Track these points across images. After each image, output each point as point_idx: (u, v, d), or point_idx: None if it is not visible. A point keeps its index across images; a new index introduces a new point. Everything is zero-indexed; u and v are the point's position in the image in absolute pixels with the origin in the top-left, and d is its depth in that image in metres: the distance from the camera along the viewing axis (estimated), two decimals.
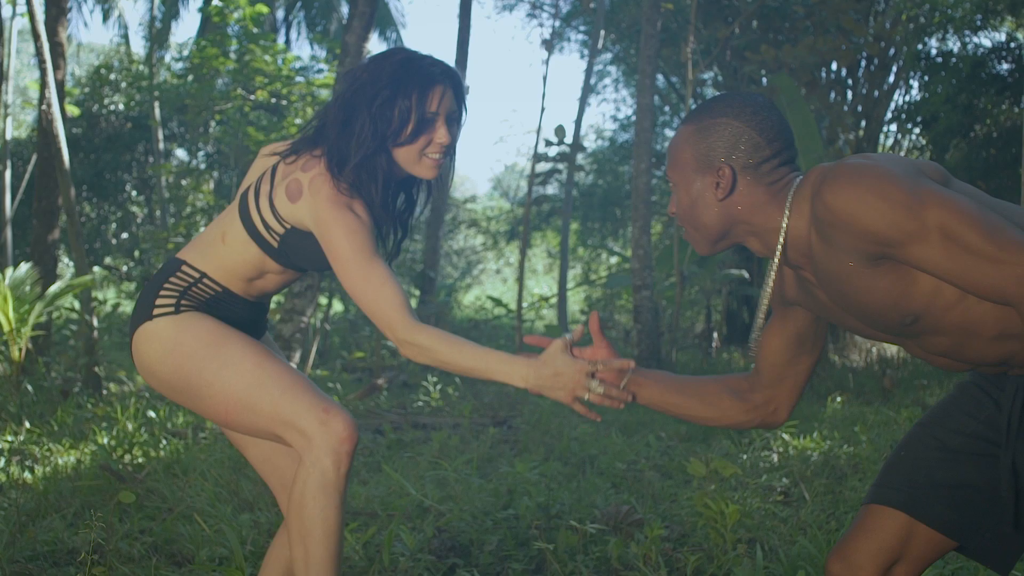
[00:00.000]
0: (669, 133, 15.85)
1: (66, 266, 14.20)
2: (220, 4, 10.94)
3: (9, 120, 16.04)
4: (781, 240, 1.84)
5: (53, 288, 6.60)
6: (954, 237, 1.60)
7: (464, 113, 2.20)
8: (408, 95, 2.05)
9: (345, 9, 17.53)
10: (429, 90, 2.07)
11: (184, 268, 2.16)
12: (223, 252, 2.17)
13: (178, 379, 2.11)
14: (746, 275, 10.52)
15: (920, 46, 11.39)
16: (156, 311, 2.13)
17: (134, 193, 15.46)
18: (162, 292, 2.14)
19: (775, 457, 4.88)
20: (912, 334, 1.82)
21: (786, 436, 5.33)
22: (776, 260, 1.87)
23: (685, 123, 1.94)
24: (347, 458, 1.99)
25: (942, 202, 1.63)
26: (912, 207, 1.63)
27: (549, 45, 9.69)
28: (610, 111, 31.83)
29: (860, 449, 5.01)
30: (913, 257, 1.65)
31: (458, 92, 2.14)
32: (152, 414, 5.66)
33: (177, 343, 2.10)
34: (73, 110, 11.90)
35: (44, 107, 6.98)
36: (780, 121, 1.88)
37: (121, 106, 14.78)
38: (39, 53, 6.99)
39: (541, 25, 16.00)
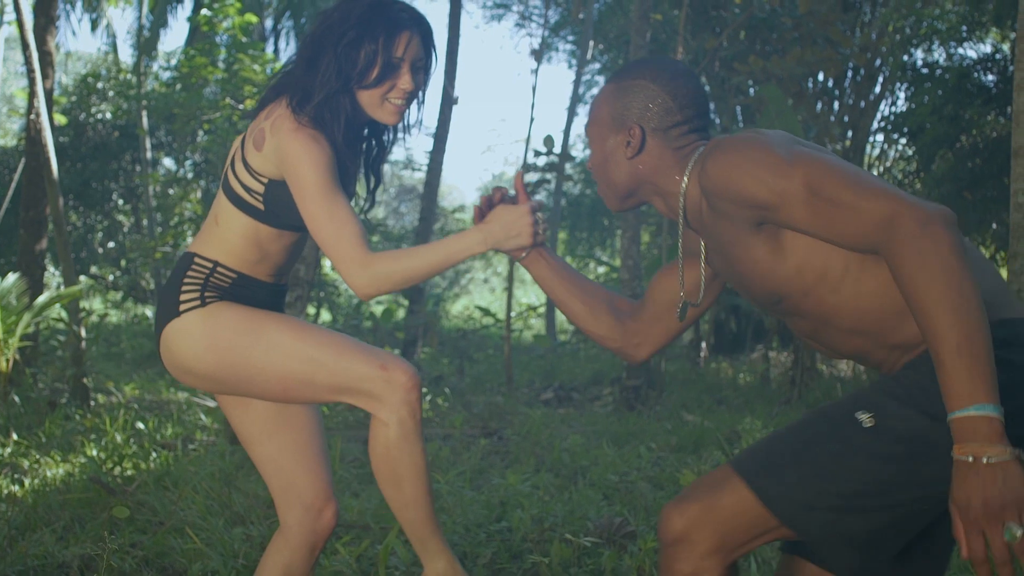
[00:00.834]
0: None
1: (52, 275, 14.13)
2: (209, 14, 10.92)
3: None
4: (681, 204, 1.91)
5: (41, 299, 6.58)
6: (819, 191, 1.65)
7: (434, 63, 2.20)
8: (375, 38, 2.06)
9: None
10: (396, 35, 2.07)
11: (196, 260, 2.15)
12: (220, 234, 2.16)
13: (222, 371, 2.10)
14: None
15: (906, 57, 11.45)
16: (182, 307, 2.11)
17: (121, 202, 15.40)
18: (184, 287, 2.12)
19: None
20: (781, 313, 1.88)
21: None
22: (680, 223, 1.95)
23: (608, 82, 2.02)
24: (418, 403, 2.06)
25: (810, 161, 1.68)
26: (782, 168, 1.68)
27: (538, 55, 9.70)
28: None
29: None
30: (787, 218, 1.70)
31: (427, 40, 2.15)
32: (141, 425, 5.64)
33: (213, 337, 2.09)
34: (60, 119, 11.87)
35: (32, 116, 6.96)
36: (695, 89, 1.95)
37: (108, 115, 14.73)
38: (28, 62, 6.96)
39: (530, 35, 16.05)
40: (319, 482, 2.24)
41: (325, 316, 13.44)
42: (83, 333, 6.57)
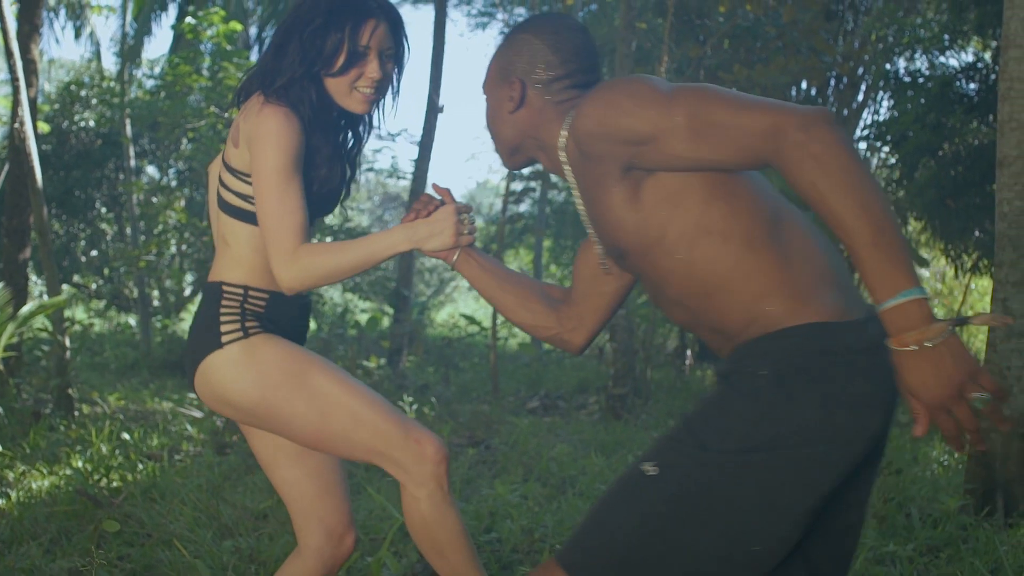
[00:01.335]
0: None
1: (34, 284, 14.05)
2: (193, 22, 10.90)
3: None
4: (564, 158, 1.88)
5: (25, 309, 6.53)
6: (700, 115, 1.62)
7: (406, 52, 2.19)
8: (341, 26, 2.05)
9: None
10: (362, 23, 2.07)
11: (226, 288, 2.12)
12: (234, 255, 2.13)
13: (263, 408, 2.08)
14: None
15: (888, 66, 11.52)
16: (225, 338, 2.08)
17: (104, 210, 15.33)
18: (223, 318, 2.09)
19: None
20: (628, 271, 1.88)
21: None
22: (569, 179, 1.91)
23: (502, 38, 2.02)
24: (446, 475, 2.10)
25: (690, 91, 1.67)
26: (661, 101, 1.66)
27: None
28: None
29: None
30: (667, 150, 1.66)
31: (396, 29, 2.14)
32: (127, 436, 5.60)
33: (259, 372, 2.07)
34: (43, 127, 11.80)
35: (17, 125, 6.91)
36: (580, 44, 1.92)
37: (92, 123, 14.67)
38: (12, 71, 6.92)
39: None
40: (341, 509, 2.23)
41: (310, 325, 13.38)
42: (67, 343, 6.54)
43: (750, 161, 1.62)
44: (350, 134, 2.27)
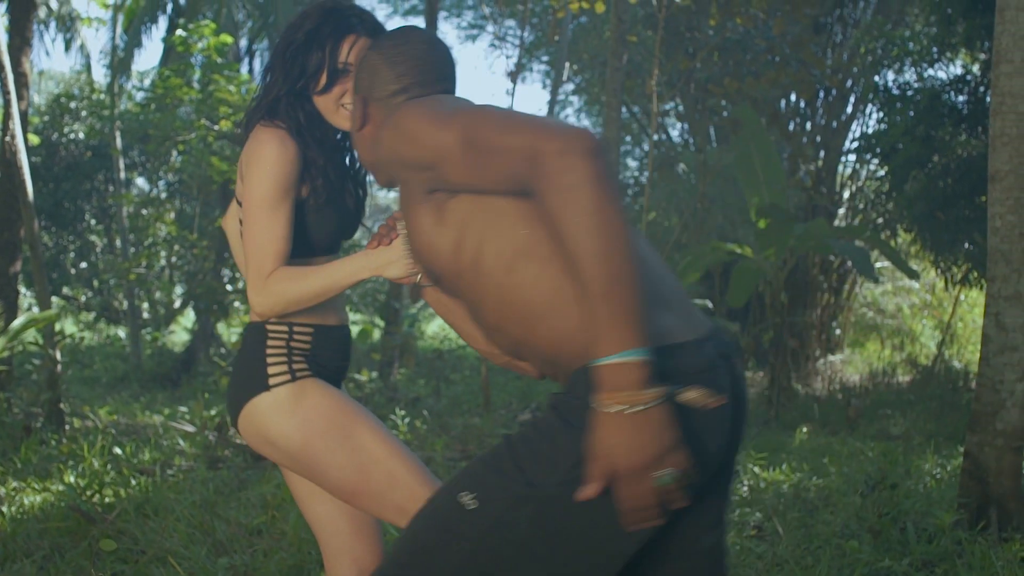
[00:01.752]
0: (631, 163, 15.97)
1: (24, 296, 13.99)
2: (184, 34, 10.89)
3: None
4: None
5: (16, 323, 6.50)
6: (474, 140, 1.55)
7: None
8: (323, 44, 2.05)
9: None
10: (342, 39, 2.06)
11: (270, 328, 2.10)
12: None
13: (303, 455, 2.06)
14: (709, 304, 10.58)
15: (876, 78, 11.58)
16: (272, 380, 2.06)
17: (93, 222, 15.29)
18: (269, 359, 2.08)
19: (745, 490, 4.90)
20: (449, 294, 1.79)
21: (756, 468, 5.37)
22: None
23: None
24: None
25: (468, 112, 1.60)
26: (440, 123, 1.61)
27: (514, 76, 9.73)
28: None
29: (830, 481, 5.06)
30: (450, 176, 1.60)
31: None
32: (118, 451, 5.58)
33: (306, 419, 2.05)
34: (33, 139, 11.76)
35: (8, 139, 6.89)
36: (421, 56, 1.89)
37: (81, 135, 14.64)
38: (3, 84, 6.90)
39: (506, 56, 16.08)
40: (374, 549, 2.20)
41: None
42: (58, 357, 6.51)
43: (518, 186, 1.52)
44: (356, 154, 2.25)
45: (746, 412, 1.66)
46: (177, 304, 14.65)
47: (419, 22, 15.18)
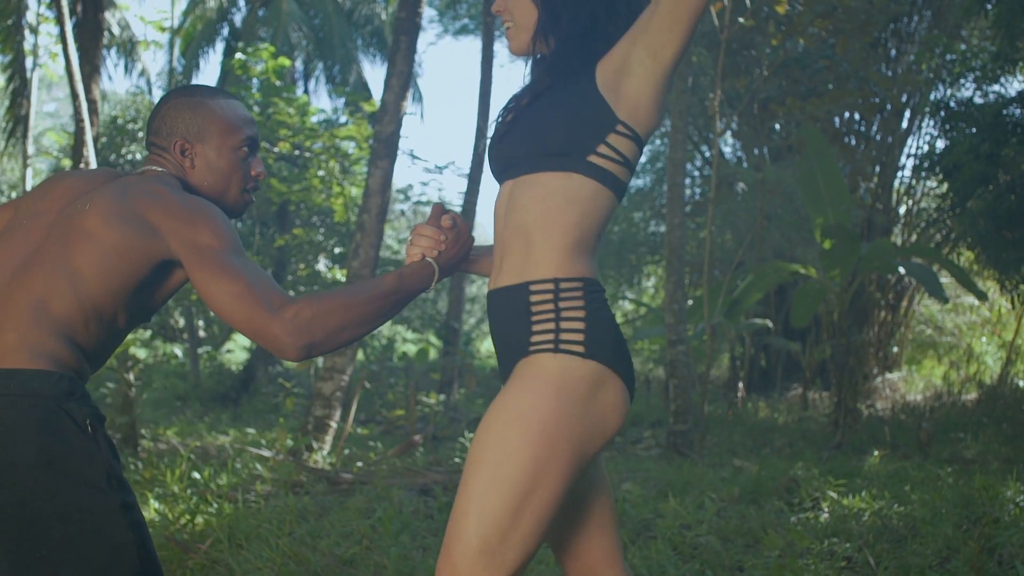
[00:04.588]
0: (686, 180, 15.91)
1: None
2: (243, 57, 11.02)
3: (29, 170, 16.11)
4: None
5: None
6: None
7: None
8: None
9: (364, 61, 17.63)
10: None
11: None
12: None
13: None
14: (770, 325, 10.51)
15: (933, 94, 11.47)
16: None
17: None
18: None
19: (826, 516, 4.86)
20: None
21: (834, 495, 5.31)
22: None
23: None
24: None
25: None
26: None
27: None
28: None
29: (912, 509, 4.98)
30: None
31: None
32: (196, 475, 5.62)
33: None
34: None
35: (82, 165, 7.02)
36: (158, 111, 2.05)
37: (139, 156, 14.84)
38: (76, 112, 7.04)
39: None
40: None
41: (359, 356, 13.44)
42: (132, 380, 6.59)
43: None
44: None
45: None
46: None
47: (469, 41, 15.21)
